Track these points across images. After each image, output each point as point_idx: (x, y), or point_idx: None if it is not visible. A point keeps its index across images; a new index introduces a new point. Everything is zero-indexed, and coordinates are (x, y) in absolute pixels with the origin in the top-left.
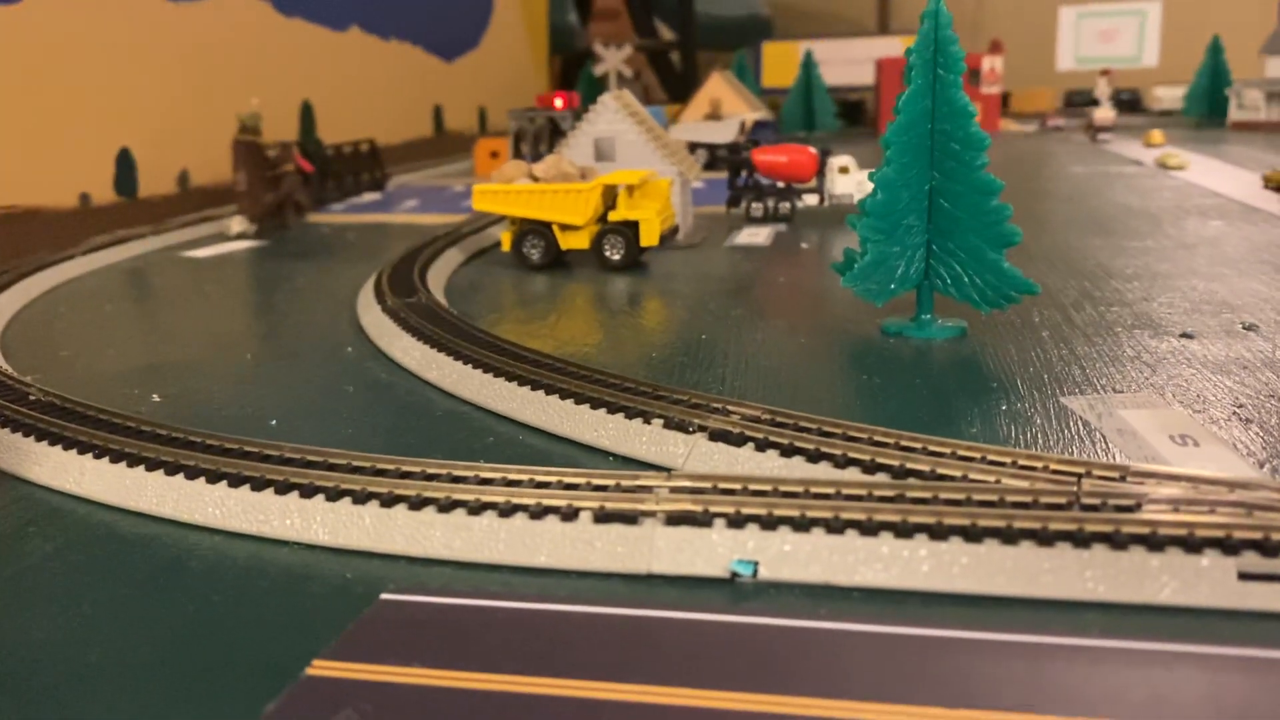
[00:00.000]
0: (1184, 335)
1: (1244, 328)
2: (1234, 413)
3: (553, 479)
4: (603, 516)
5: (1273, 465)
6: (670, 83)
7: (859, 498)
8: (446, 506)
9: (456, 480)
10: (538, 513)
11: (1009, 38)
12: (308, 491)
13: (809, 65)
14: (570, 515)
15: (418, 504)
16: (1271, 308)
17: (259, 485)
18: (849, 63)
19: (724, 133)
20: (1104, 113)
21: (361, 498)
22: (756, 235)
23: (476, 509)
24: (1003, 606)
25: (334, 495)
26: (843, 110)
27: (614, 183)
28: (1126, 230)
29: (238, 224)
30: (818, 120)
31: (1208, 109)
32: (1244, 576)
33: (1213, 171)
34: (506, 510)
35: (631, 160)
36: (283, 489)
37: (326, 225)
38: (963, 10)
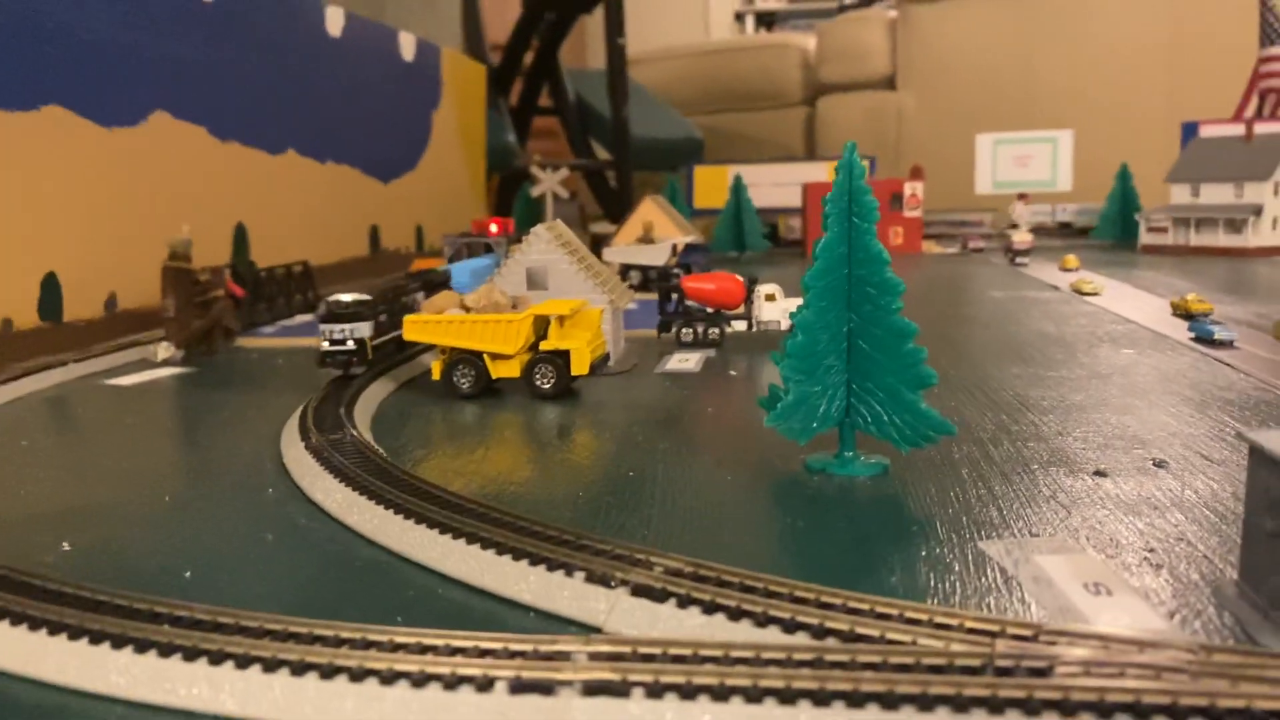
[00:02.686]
0: (1097, 473)
1: (1154, 464)
2: (1145, 558)
3: (469, 644)
4: (518, 686)
5: (1182, 615)
6: (606, 202)
7: (778, 662)
8: (359, 675)
9: (370, 645)
10: (452, 682)
11: (929, 163)
12: (216, 658)
13: (739, 188)
14: (485, 685)
15: (329, 672)
16: (1180, 442)
17: (166, 651)
18: (776, 185)
19: (656, 255)
20: (1022, 236)
21: (271, 665)
22: (686, 361)
23: (389, 678)
24: None
25: (243, 662)
26: (767, 232)
27: (545, 312)
28: (1043, 359)
29: (164, 350)
30: (748, 241)
31: (1119, 232)
32: None
33: (1124, 297)
34: (420, 680)
35: (564, 289)
36: (191, 655)
37: (255, 350)
38: (885, 138)
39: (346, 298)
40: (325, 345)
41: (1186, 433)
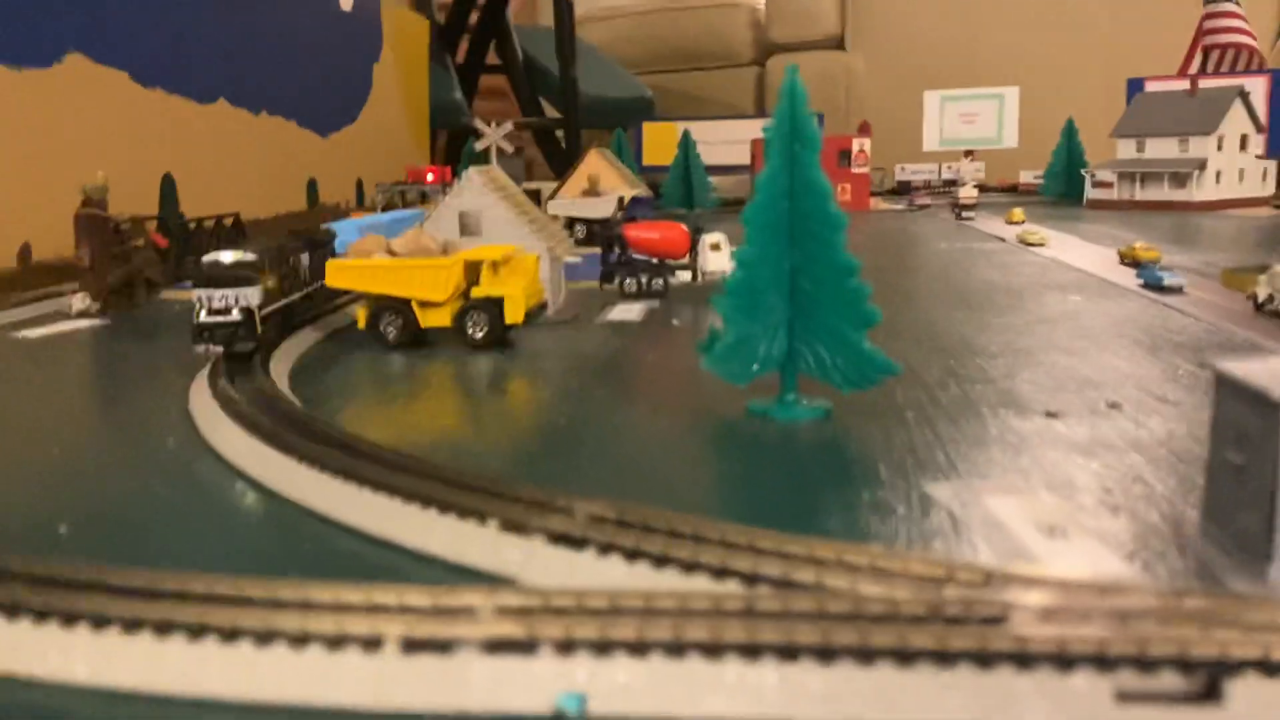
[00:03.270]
0: (1049, 414)
1: (1108, 406)
2: (1102, 500)
3: (358, 599)
4: (411, 645)
5: (1143, 558)
6: (555, 160)
7: (704, 613)
8: (229, 635)
9: (247, 602)
10: (336, 642)
11: (878, 122)
12: (68, 619)
13: (687, 144)
14: (373, 644)
15: (196, 632)
16: (1133, 384)
17: (11, 612)
18: (726, 143)
19: (602, 208)
20: (968, 191)
21: (131, 625)
22: (629, 311)
23: (265, 638)
24: None
25: (98, 623)
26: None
27: (477, 258)
28: (990, 305)
29: (80, 301)
30: (696, 198)
31: (1065, 189)
32: (1122, 697)
33: (1071, 248)
34: (299, 639)
35: (498, 235)
36: (40, 617)
37: (179, 303)
38: (835, 97)
39: (227, 257)
40: (202, 316)
41: (1139, 374)
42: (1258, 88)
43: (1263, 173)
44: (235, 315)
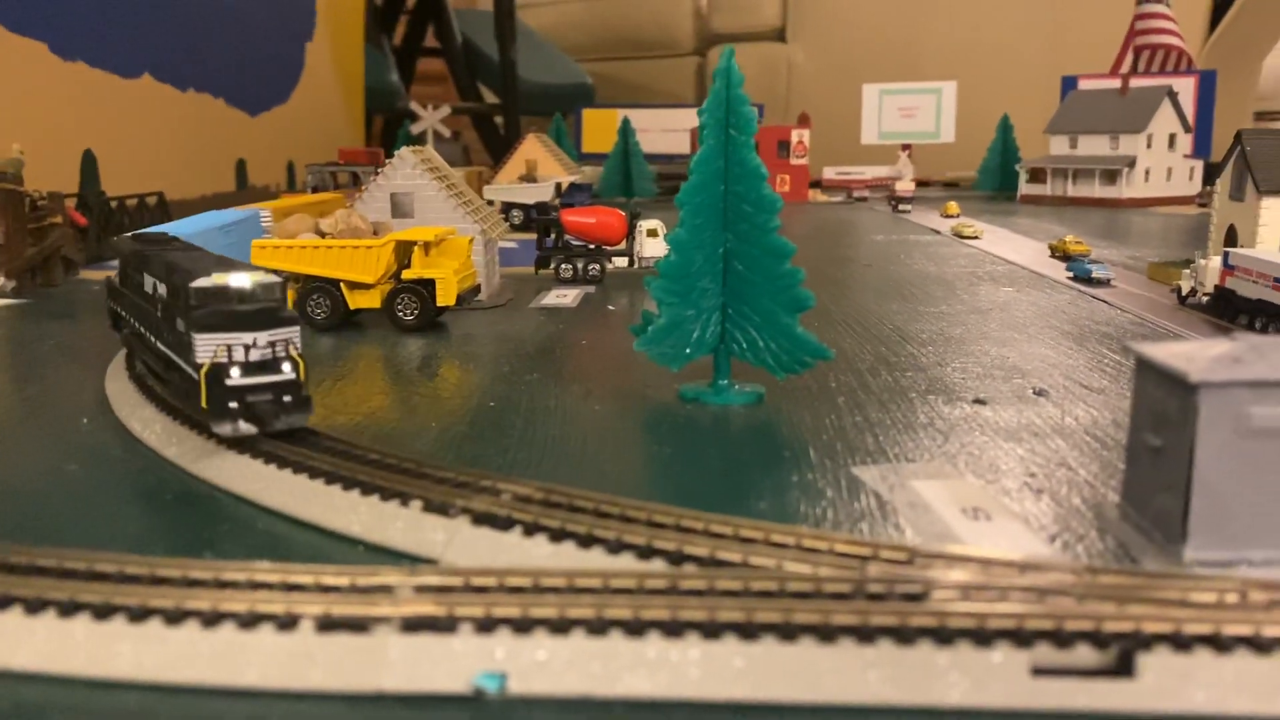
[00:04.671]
0: (976, 401)
1: (1034, 393)
2: (1025, 483)
3: (275, 578)
4: (327, 624)
5: (1063, 539)
6: (494, 145)
7: (628, 591)
8: (139, 615)
9: (158, 582)
10: (249, 621)
11: (819, 116)
12: None
13: (626, 132)
14: (289, 623)
15: (104, 612)
16: (1059, 372)
17: None
18: (666, 131)
19: (539, 194)
20: (905, 185)
21: (35, 605)
22: (564, 297)
23: (176, 617)
24: (778, 715)
25: (2, 604)
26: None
27: (409, 239)
28: (923, 296)
29: None
30: (636, 186)
31: (999, 183)
32: (1038, 672)
33: (1004, 241)
34: (212, 618)
35: (431, 217)
36: None
37: (98, 283)
38: (776, 89)
39: (242, 280)
40: (235, 376)
41: (1066, 363)
42: (1186, 88)
43: (1190, 171)
44: (286, 371)
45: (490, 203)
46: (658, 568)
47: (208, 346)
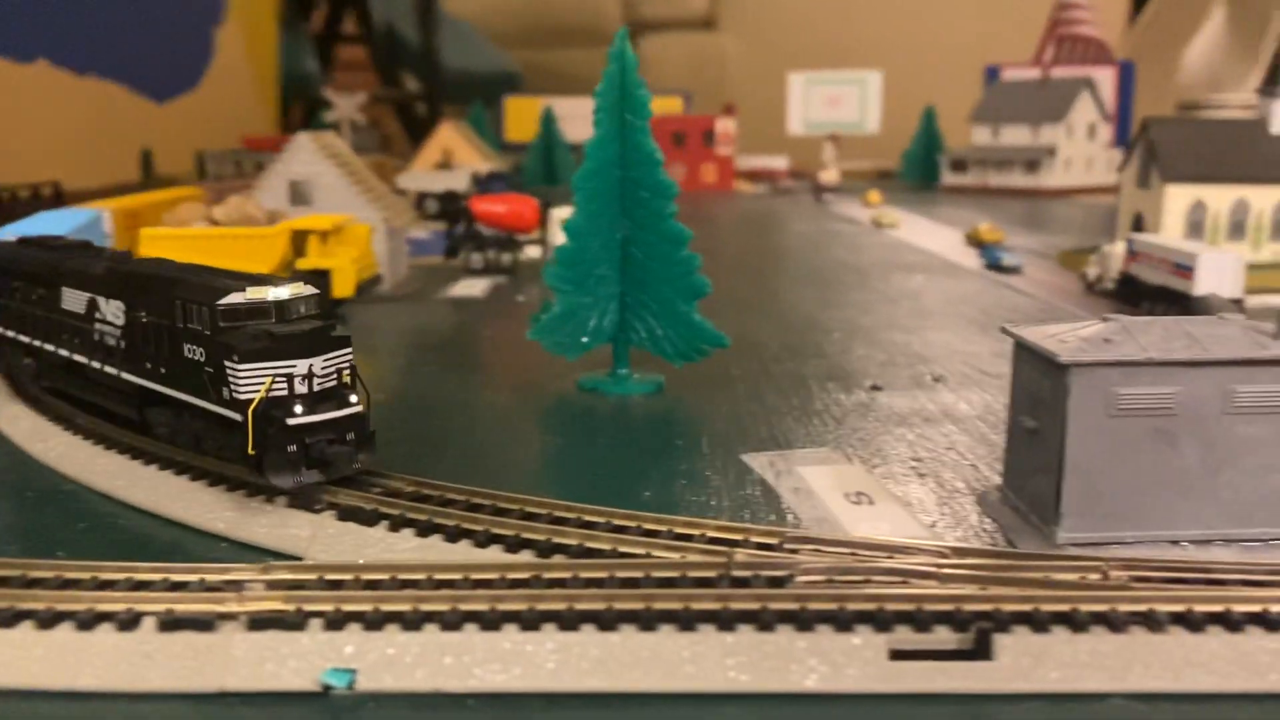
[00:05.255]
0: (873, 388)
1: (933, 379)
2: (911, 467)
3: (120, 576)
4: (170, 623)
5: (944, 522)
6: (416, 134)
7: (487, 584)
8: None
9: None
10: (88, 621)
11: (749, 105)
12: None
13: (549, 121)
14: (130, 623)
15: None
16: (960, 359)
17: None
18: (588, 119)
19: (454, 182)
20: (829, 174)
21: None
22: (473, 287)
23: (9, 619)
24: (639, 704)
25: None
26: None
27: (305, 228)
28: (838, 284)
29: None
30: (559, 174)
31: (923, 173)
32: (896, 655)
33: (922, 229)
34: (48, 619)
35: (331, 205)
36: None
37: None
38: (706, 78)
39: (281, 292)
40: (299, 412)
41: (968, 350)
42: (1106, 79)
43: (1110, 160)
44: (353, 404)
45: (403, 192)
46: (524, 559)
47: (255, 379)
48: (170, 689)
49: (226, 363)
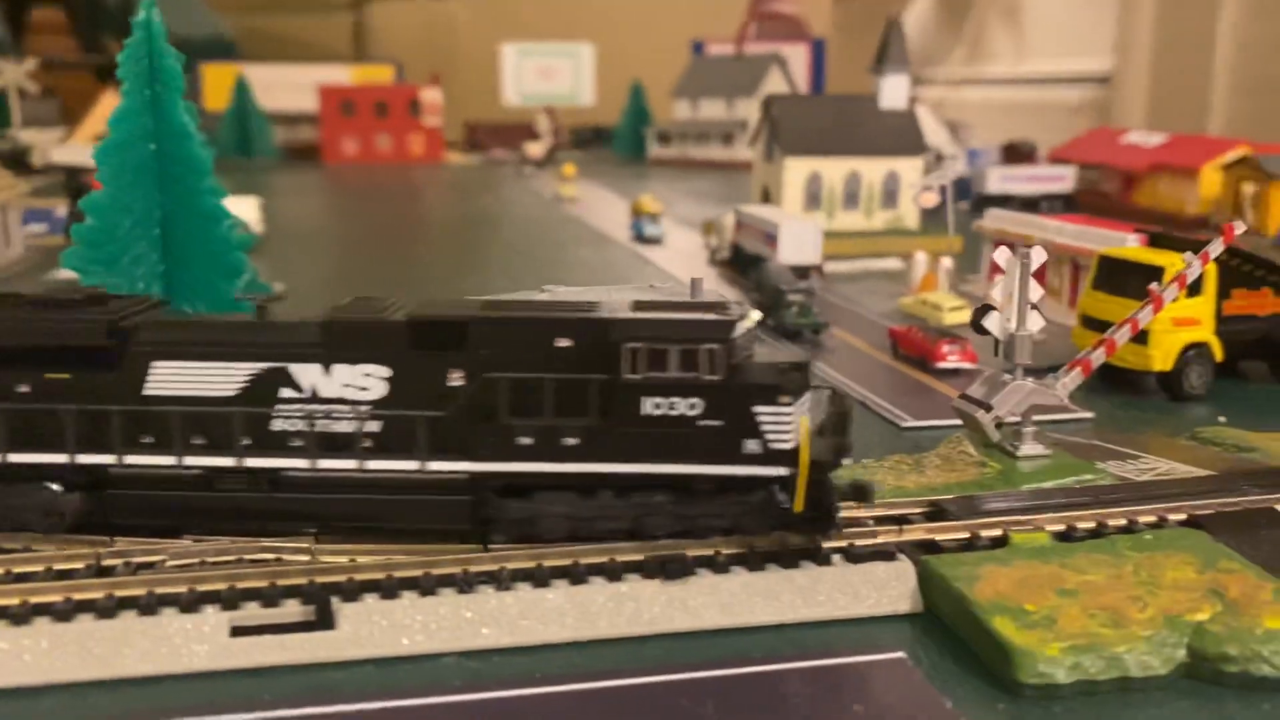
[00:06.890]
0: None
1: None
2: None
3: None
4: None
5: None
6: None
7: None
8: None
9: None
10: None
11: (479, 75)
12: None
13: (242, 89)
14: None
15: None
16: None
17: None
18: (295, 88)
19: None
20: (535, 147)
21: None
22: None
23: None
24: None
25: None
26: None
27: None
28: (484, 262)
29: None
30: (256, 145)
31: (632, 147)
32: (236, 631)
33: (599, 201)
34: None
35: None
36: None
37: None
38: (439, 48)
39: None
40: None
41: None
42: (799, 55)
43: None
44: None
45: (57, 167)
46: None
47: (789, 421)
48: None
49: (759, 407)
